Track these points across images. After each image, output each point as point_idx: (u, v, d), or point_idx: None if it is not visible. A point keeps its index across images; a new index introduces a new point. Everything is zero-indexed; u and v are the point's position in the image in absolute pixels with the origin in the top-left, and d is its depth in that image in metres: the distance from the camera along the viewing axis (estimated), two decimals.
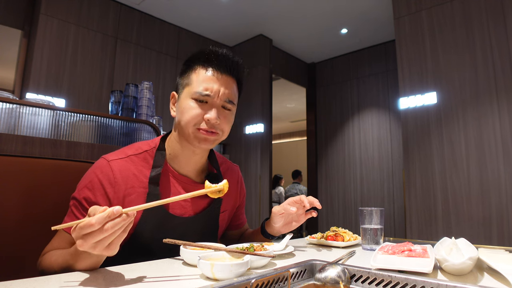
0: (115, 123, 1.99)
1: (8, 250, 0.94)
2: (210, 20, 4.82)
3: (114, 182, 0.85)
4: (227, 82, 0.91)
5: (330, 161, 5.69)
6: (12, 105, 1.59)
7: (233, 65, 0.92)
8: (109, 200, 0.84)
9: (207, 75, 0.89)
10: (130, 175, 0.87)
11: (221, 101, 0.90)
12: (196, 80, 0.89)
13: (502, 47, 2.90)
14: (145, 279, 0.64)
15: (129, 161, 0.89)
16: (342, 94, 5.70)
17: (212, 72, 0.89)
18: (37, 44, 3.58)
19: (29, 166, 1.01)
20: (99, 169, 0.86)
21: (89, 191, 0.83)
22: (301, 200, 0.95)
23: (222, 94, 0.89)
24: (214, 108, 0.88)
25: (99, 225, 0.59)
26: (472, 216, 2.89)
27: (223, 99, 0.89)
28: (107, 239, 0.61)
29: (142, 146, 0.94)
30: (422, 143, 3.26)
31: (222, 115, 0.90)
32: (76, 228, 0.60)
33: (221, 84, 0.89)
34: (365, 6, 4.36)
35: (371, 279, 0.70)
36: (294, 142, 11.25)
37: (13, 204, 0.96)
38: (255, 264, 0.74)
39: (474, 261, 0.69)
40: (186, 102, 0.89)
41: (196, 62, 0.92)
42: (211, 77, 0.89)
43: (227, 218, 1.09)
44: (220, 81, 0.89)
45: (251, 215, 4.92)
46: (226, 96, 0.90)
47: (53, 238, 0.83)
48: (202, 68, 0.90)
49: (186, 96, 0.90)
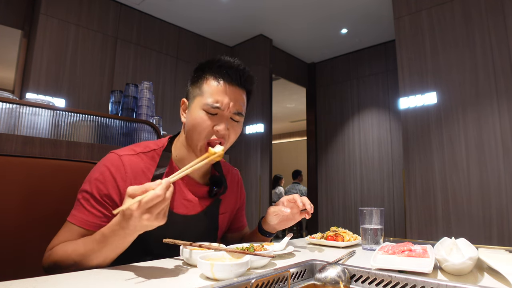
0: (115, 123, 1.99)
1: (8, 250, 0.94)
2: (210, 20, 4.82)
3: (125, 176, 0.86)
4: (237, 95, 0.92)
5: (330, 161, 5.68)
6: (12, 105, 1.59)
7: (244, 77, 0.93)
8: (120, 193, 0.84)
9: (218, 88, 0.90)
10: (139, 171, 0.89)
11: (231, 113, 0.91)
12: (207, 91, 0.90)
13: (502, 47, 2.90)
14: (145, 279, 0.64)
15: (139, 158, 0.91)
16: (342, 94, 5.70)
17: (223, 84, 0.90)
18: (37, 44, 3.58)
19: (29, 166, 1.01)
20: (110, 162, 0.86)
21: (101, 184, 0.83)
22: (295, 199, 0.98)
23: (232, 107, 0.90)
24: (224, 120, 0.90)
25: (164, 195, 0.65)
26: (472, 216, 2.89)
27: (233, 111, 0.91)
28: (166, 207, 0.67)
29: (150, 145, 0.95)
30: (422, 143, 3.26)
31: (230, 126, 0.92)
32: (141, 203, 0.64)
33: (232, 97, 0.90)
34: (365, 6, 4.36)
35: (371, 279, 0.70)
36: (294, 142, 11.25)
37: (13, 204, 0.96)
38: (255, 264, 0.74)
39: (474, 261, 0.69)
40: (196, 113, 0.90)
41: (207, 71, 0.92)
42: (222, 89, 0.90)
43: (227, 220, 1.10)
44: (230, 94, 0.90)
45: (251, 215, 4.92)
46: (235, 109, 0.91)
47: (59, 232, 0.83)
48: (213, 80, 0.91)
49: (197, 106, 0.90)
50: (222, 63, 0.92)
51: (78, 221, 0.81)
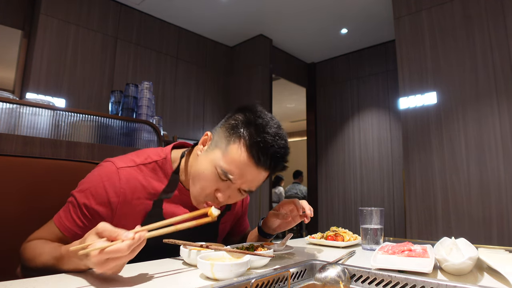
0: (115, 123, 1.99)
1: (8, 250, 0.93)
2: (210, 20, 4.82)
3: (120, 191, 0.82)
4: (259, 176, 0.81)
5: (330, 161, 5.68)
6: (12, 105, 1.59)
7: (278, 166, 0.81)
8: (111, 208, 0.81)
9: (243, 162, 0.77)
10: (138, 185, 0.84)
11: (241, 188, 0.82)
12: (230, 155, 0.78)
13: (502, 47, 2.90)
14: (145, 278, 0.64)
15: (138, 170, 0.86)
16: (342, 94, 5.70)
17: (250, 163, 0.78)
18: (37, 44, 3.58)
19: (29, 166, 1.01)
20: (106, 175, 0.82)
21: (91, 196, 0.80)
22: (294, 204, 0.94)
23: (245, 185, 0.81)
24: (229, 191, 0.82)
25: (127, 252, 0.58)
26: (472, 216, 2.89)
27: (244, 188, 0.82)
28: (125, 262, 0.61)
29: (151, 155, 0.89)
30: (422, 143, 3.26)
31: (234, 195, 0.84)
32: (102, 253, 0.57)
33: (251, 177, 0.80)
34: (365, 6, 4.36)
35: (371, 279, 0.70)
36: (294, 142, 11.25)
37: (13, 204, 0.96)
38: (255, 264, 0.74)
39: (474, 261, 0.69)
40: (208, 166, 0.81)
41: (246, 135, 0.78)
42: (246, 166, 0.78)
43: (228, 228, 1.09)
44: (252, 174, 0.79)
45: (251, 215, 4.92)
46: (248, 187, 0.82)
47: (43, 227, 0.83)
48: (245, 151, 0.77)
49: (213, 160, 0.81)
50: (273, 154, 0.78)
51: (60, 225, 0.81)
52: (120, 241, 0.58)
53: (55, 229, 0.81)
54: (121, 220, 0.83)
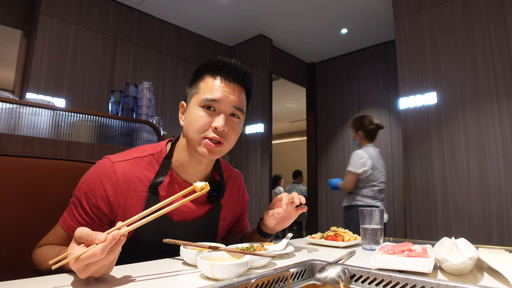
0: (115, 123, 1.99)
1: (8, 249, 0.94)
2: (210, 20, 4.82)
3: (116, 185, 0.84)
4: (235, 89, 0.90)
5: (330, 161, 5.68)
6: (12, 105, 1.59)
7: (241, 73, 0.91)
8: (109, 202, 0.83)
9: (215, 83, 0.88)
10: (133, 178, 0.86)
11: (229, 108, 0.88)
12: (204, 87, 0.89)
13: (502, 47, 2.90)
14: (145, 279, 0.64)
15: (134, 163, 0.88)
16: (342, 94, 5.70)
17: (220, 80, 0.89)
18: (37, 44, 3.58)
19: (29, 166, 1.01)
20: (102, 170, 0.85)
21: (90, 193, 0.82)
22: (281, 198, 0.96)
23: (230, 101, 0.88)
24: (222, 115, 0.87)
25: (103, 254, 0.57)
26: (472, 216, 2.89)
27: (231, 105, 0.88)
28: (109, 262, 0.60)
29: (147, 149, 0.93)
30: (422, 143, 3.26)
31: (229, 123, 0.89)
32: (78, 260, 0.57)
33: (229, 91, 0.88)
34: (365, 6, 4.36)
35: (371, 279, 0.70)
36: (294, 142, 11.25)
37: (13, 204, 0.96)
38: (255, 264, 0.74)
39: (474, 261, 0.69)
40: (194, 111, 0.88)
41: (204, 71, 0.91)
42: (219, 84, 0.88)
43: (227, 225, 1.09)
44: (228, 88, 0.88)
45: (251, 215, 4.92)
46: (233, 103, 0.89)
47: (50, 232, 0.84)
48: (210, 77, 0.90)
49: (194, 105, 0.89)
50: (219, 61, 0.91)
51: (64, 225, 0.82)
52: (95, 245, 0.58)
53: (61, 231, 0.82)
54: (121, 213, 0.84)
